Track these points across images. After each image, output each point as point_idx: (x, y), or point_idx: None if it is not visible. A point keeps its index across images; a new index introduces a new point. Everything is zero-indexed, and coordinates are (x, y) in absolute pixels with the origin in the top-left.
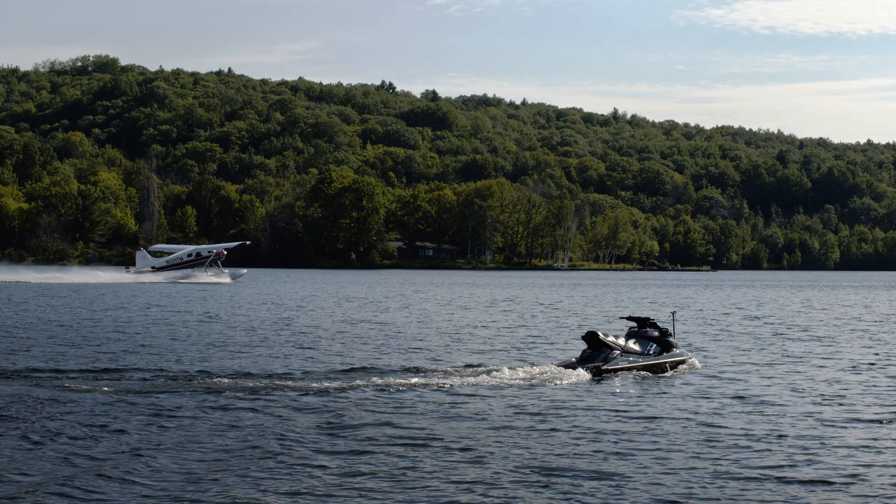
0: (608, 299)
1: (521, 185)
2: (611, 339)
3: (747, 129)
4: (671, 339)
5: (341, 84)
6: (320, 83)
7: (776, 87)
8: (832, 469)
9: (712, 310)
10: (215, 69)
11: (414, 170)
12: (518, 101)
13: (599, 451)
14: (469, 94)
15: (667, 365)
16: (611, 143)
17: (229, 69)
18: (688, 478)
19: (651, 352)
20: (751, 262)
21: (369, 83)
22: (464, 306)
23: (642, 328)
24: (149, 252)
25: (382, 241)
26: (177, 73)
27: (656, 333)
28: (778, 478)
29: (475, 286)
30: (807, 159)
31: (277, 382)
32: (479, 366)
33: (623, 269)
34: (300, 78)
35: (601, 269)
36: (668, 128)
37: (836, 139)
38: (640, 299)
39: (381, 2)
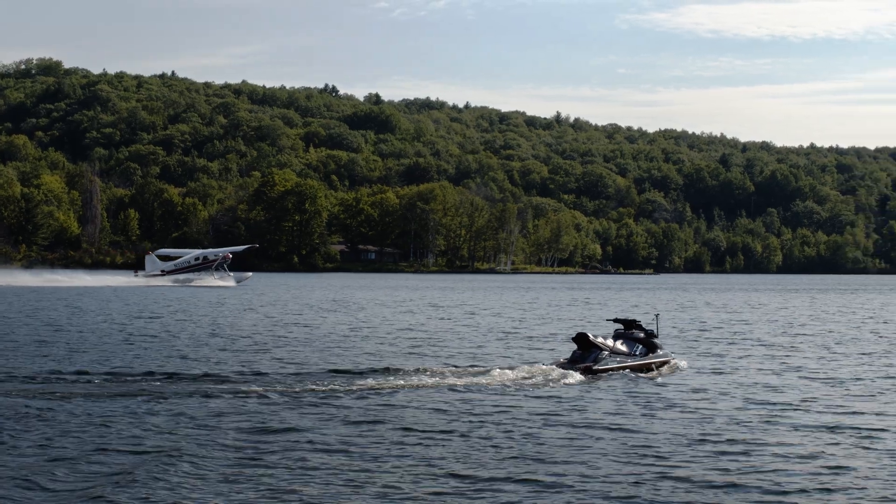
0: (542, 302)
1: (464, 189)
2: (599, 340)
3: (690, 132)
4: (655, 340)
5: (284, 87)
6: (263, 86)
7: (719, 91)
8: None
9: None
10: (159, 72)
11: (357, 173)
12: (461, 105)
13: (598, 448)
14: (412, 98)
15: (653, 365)
16: (554, 146)
17: (172, 72)
18: (686, 474)
19: (637, 353)
20: (693, 266)
21: (312, 86)
22: (408, 310)
23: (629, 330)
24: (156, 256)
25: (325, 244)
26: (120, 76)
27: (642, 335)
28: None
29: (423, 289)
30: (750, 163)
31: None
32: (472, 366)
33: (565, 273)
34: (243, 81)
35: (543, 273)
36: (611, 131)
37: (779, 143)
38: (573, 301)
39: (325, 5)
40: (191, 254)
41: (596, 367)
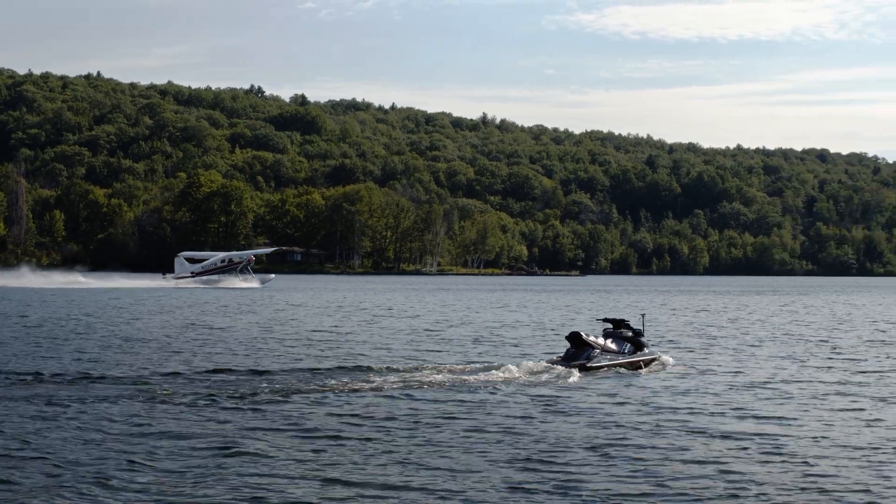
0: (461, 304)
1: (390, 190)
2: (591, 339)
3: (617, 133)
4: (643, 338)
5: (210, 88)
6: (189, 87)
7: (647, 92)
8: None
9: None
10: (84, 73)
11: (282, 174)
12: (387, 106)
13: (598, 442)
14: (338, 99)
15: (641, 363)
16: (480, 147)
17: (98, 73)
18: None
19: (626, 351)
20: (620, 267)
21: (238, 87)
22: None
23: (618, 329)
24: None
25: (250, 245)
26: (46, 76)
27: (630, 334)
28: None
29: (345, 291)
30: (676, 164)
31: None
32: (472, 363)
33: (491, 274)
34: (169, 82)
35: (469, 274)
36: (538, 132)
37: (705, 144)
38: (490, 304)
39: (251, 6)
40: (216, 256)
41: (589, 365)
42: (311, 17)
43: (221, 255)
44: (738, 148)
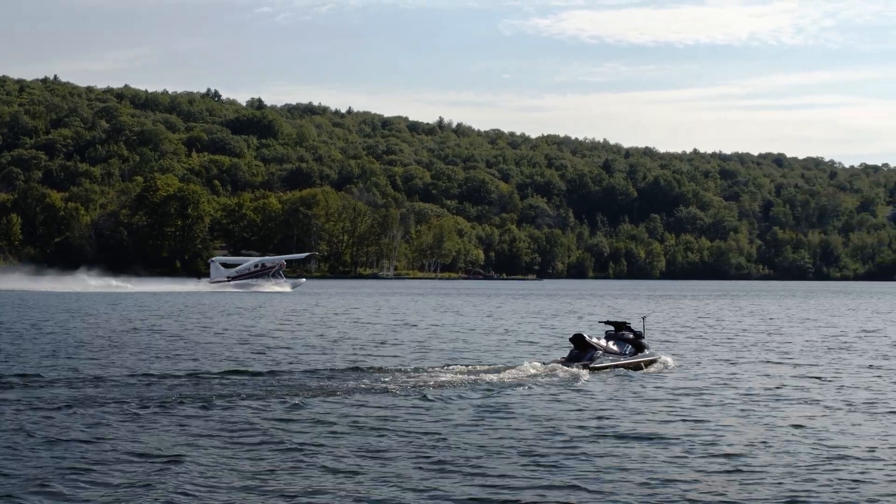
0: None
1: (347, 194)
2: (594, 340)
3: (573, 138)
4: (643, 340)
5: (167, 92)
6: (146, 91)
7: (603, 97)
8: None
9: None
10: (41, 76)
11: (239, 178)
12: (344, 110)
13: (602, 436)
14: (295, 103)
15: (642, 363)
16: (436, 151)
17: (55, 76)
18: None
19: (627, 352)
20: (577, 271)
21: (195, 91)
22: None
23: (619, 331)
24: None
25: (207, 249)
26: (2, 80)
27: (631, 336)
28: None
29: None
30: (633, 168)
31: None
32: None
33: (448, 278)
34: (126, 85)
35: (426, 278)
36: (494, 136)
37: (662, 148)
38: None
39: (208, 10)
40: (250, 261)
41: (593, 366)
42: (267, 21)
43: (254, 259)
44: (695, 152)
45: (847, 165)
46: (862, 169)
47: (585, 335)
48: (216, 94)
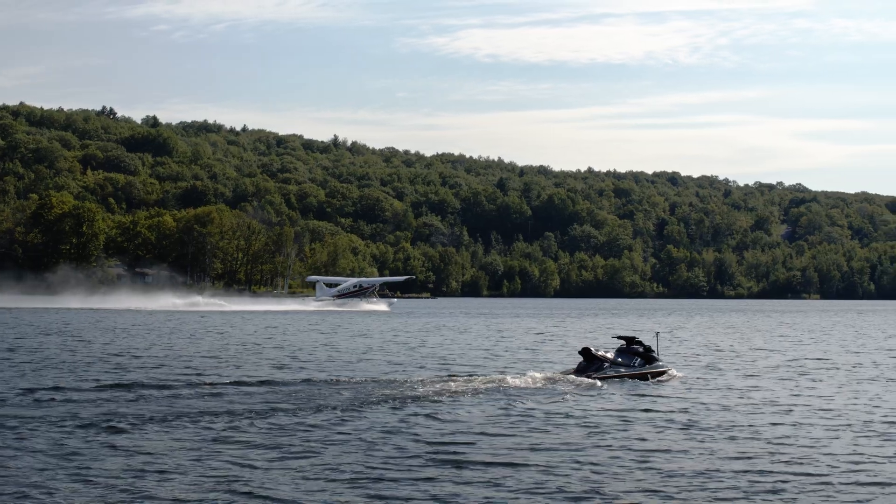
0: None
1: (241, 212)
2: (601, 353)
3: (468, 156)
4: (654, 353)
5: (62, 109)
6: (41, 108)
7: (498, 115)
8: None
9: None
10: None
11: (134, 196)
12: (239, 128)
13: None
14: (190, 121)
15: (648, 375)
16: (331, 169)
17: None
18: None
19: (636, 364)
20: (471, 290)
21: (90, 109)
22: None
23: (630, 345)
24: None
25: (102, 267)
26: None
27: (641, 349)
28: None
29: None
30: (527, 187)
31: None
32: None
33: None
34: (21, 103)
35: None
36: (389, 155)
37: (556, 167)
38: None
39: (104, 27)
40: (349, 281)
41: (596, 376)
42: (164, 38)
43: (353, 280)
44: (590, 171)
45: (742, 184)
46: (756, 187)
47: (592, 348)
48: (112, 112)
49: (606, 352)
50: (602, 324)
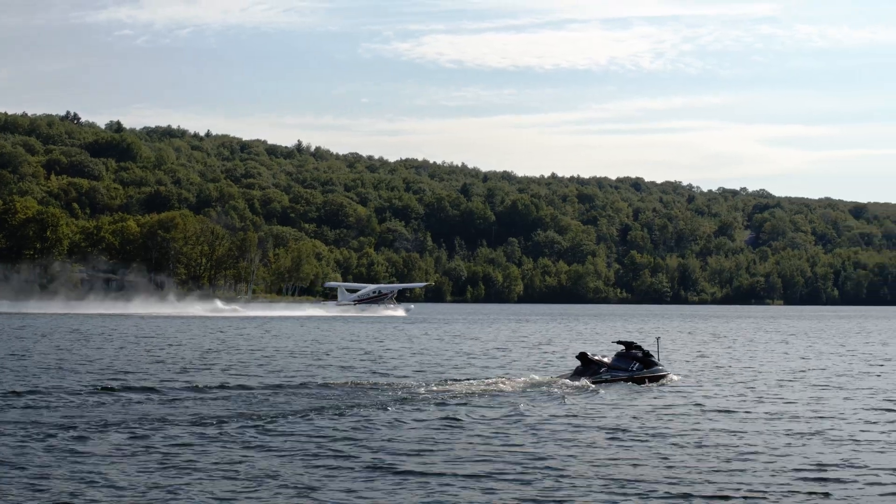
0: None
1: (205, 217)
2: (597, 357)
3: (432, 161)
4: (653, 358)
5: (26, 114)
6: (5, 113)
7: (462, 121)
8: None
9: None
10: None
11: (98, 201)
12: (202, 133)
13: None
14: (153, 126)
15: (645, 378)
16: (295, 175)
17: None
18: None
19: (634, 368)
20: (434, 295)
21: (54, 114)
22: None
23: (629, 350)
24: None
25: (66, 272)
26: None
27: (640, 354)
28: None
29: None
30: (491, 192)
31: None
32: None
33: (307, 302)
34: None
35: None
36: (353, 160)
37: (520, 173)
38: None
39: (68, 33)
40: (369, 287)
41: (592, 379)
42: (127, 43)
43: (373, 286)
44: (553, 176)
45: (705, 190)
46: (720, 193)
47: (588, 353)
48: (75, 117)
49: (604, 356)
50: (553, 328)
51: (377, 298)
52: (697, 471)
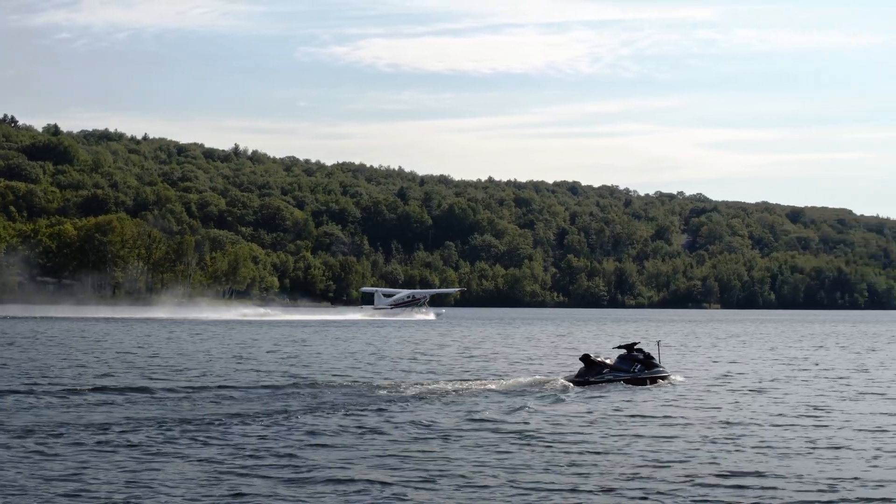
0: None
1: (142, 221)
2: (600, 359)
3: (369, 165)
4: (654, 360)
5: None
6: None
7: (400, 124)
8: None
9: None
10: None
11: (35, 204)
12: (140, 136)
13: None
14: (91, 129)
15: (647, 380)
16: (231, 178)
17: None
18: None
19: (636, 370)
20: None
21: None
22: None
23: (630, 352)
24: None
25: (2, 276)
26: None
27: (641, 356)
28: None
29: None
30: (428, 196)
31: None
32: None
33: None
34: None
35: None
36: (290, 164)
37: (457, 176)
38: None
39: (5, 36)
40: (403, 292)
41: (593, 380)
42: (65, 47)
43: (407, 291)
44: (490, 180)
45: (643, 193)
46: (657, 197)
47: (591, 354)
48: (12, 120)
49: (606, 358)
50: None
51: (411, 303)
52: (612, 476)
